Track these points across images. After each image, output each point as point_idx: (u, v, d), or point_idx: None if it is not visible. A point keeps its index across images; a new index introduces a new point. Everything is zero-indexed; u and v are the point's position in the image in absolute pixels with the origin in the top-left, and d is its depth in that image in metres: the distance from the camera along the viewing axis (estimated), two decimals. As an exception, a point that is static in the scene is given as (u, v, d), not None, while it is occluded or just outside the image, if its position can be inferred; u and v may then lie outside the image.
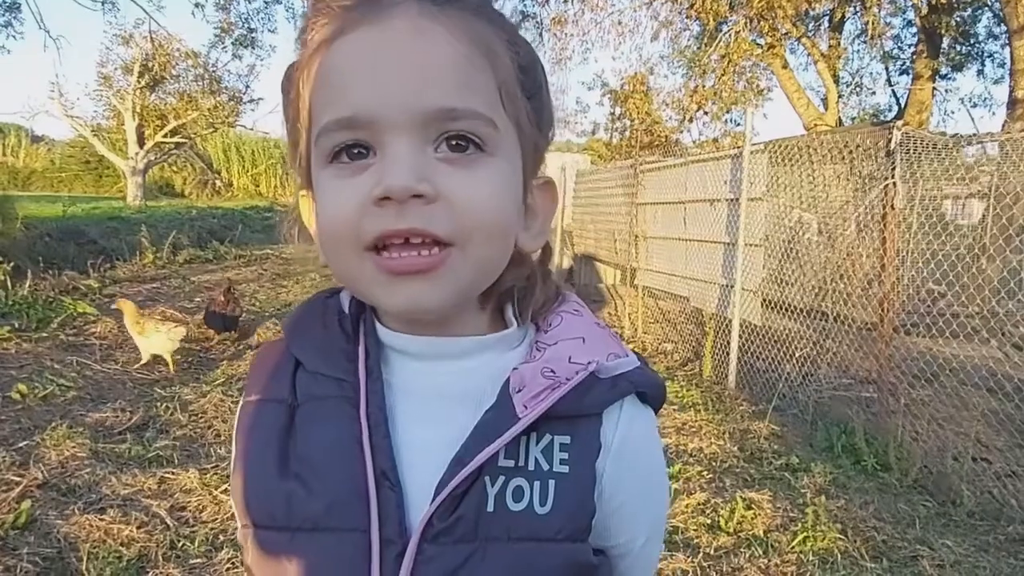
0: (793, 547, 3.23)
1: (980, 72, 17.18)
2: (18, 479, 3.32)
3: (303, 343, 0.69)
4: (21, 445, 3.75)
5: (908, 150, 4.69)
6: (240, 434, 0.69)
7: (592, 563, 0.66)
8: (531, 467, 0.62)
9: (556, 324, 0.68)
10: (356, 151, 0.58)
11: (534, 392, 0.62)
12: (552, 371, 0.63)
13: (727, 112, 16.47)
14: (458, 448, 0.61)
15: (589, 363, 0.63)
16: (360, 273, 0.59)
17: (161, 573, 2.75)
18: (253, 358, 0.74)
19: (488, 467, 0.61)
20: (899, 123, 4.86)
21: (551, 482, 0.62)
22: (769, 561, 3.13)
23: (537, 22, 16.21)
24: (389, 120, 0.56)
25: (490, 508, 0.61)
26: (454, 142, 0.58)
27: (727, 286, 6.02)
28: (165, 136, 24.50)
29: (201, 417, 4.48)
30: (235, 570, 2.82)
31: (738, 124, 16.93)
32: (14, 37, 18.86)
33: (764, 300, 5.89)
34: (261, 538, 0.65)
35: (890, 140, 4.63)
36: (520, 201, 0.64)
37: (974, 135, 4.96)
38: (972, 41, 16.41)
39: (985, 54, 16.75)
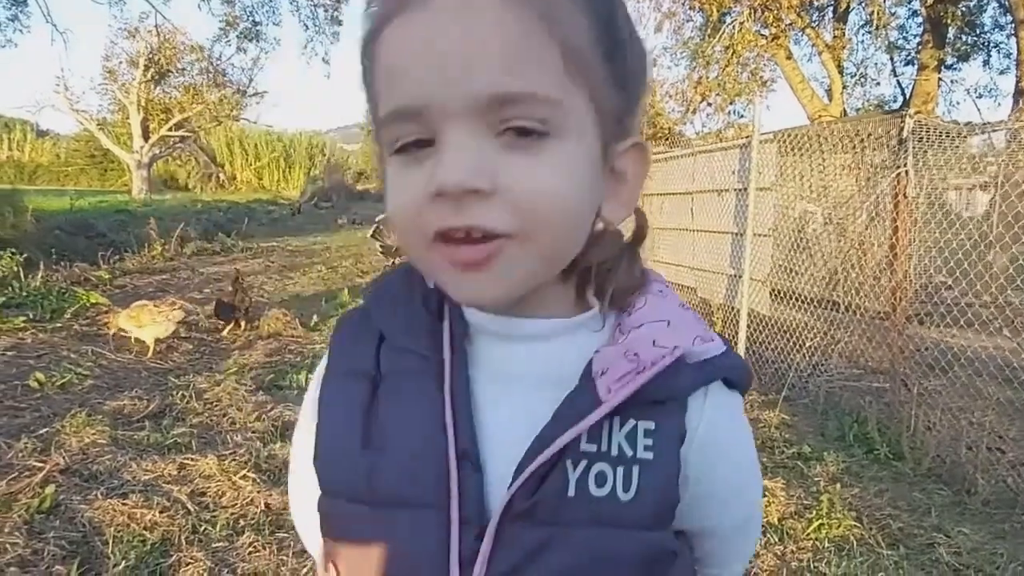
0: (808, 534, 3.25)
1: (986, 62, 17.15)
2: (40, 464, 3.35)
3: (388, 316, 0.68)
4: (42, 432, 3.78)
5: (920, 138, 4.69)
6: (323, 405, 0.68)
7: (672, 550, 0.65)
8: (614, 452, 0.61)
9: (640, 306, 0.66)
10: (416, 142, 0.56)
11: (617, 375, 0.60)
12: (636, 355, 0.61)
13: (730, 103, 16.46)
14: (539, 430, 0.61)
15: (675, 347, 0.61)
16: (430, 264, 0.59)
17: (185, 556, 2.77)
18: (335, 327, 0.73)
19: (570, 451, 0.60)
20: (911, 111, 4.86)
21: (635, 468, 0.61)
22: (785, 548, 3.14)
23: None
24: (440, 110, 0.53)
25: (571, 492, 0.60)
26: (516, 128, 0.54)
27: (735, 276, 6.03)
28: (170, 130, 24.57)
29: (216, 405, 4.51)
30: (256, 553, 2.85)
31: (741, 116, 16.90)
32: (20, 31, 18.94)
33: (773, 290, 5.90)
34: (341, 509, 0.66)
35: (902, 128, 4.64)
36: (596, 178, 0.60)
37: (987, 123, 4.96)
38: (978, 31, 16.36)
39: (991, 44, 16.71)
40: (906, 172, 4.42)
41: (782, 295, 5.99)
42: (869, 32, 16.29)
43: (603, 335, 0.66)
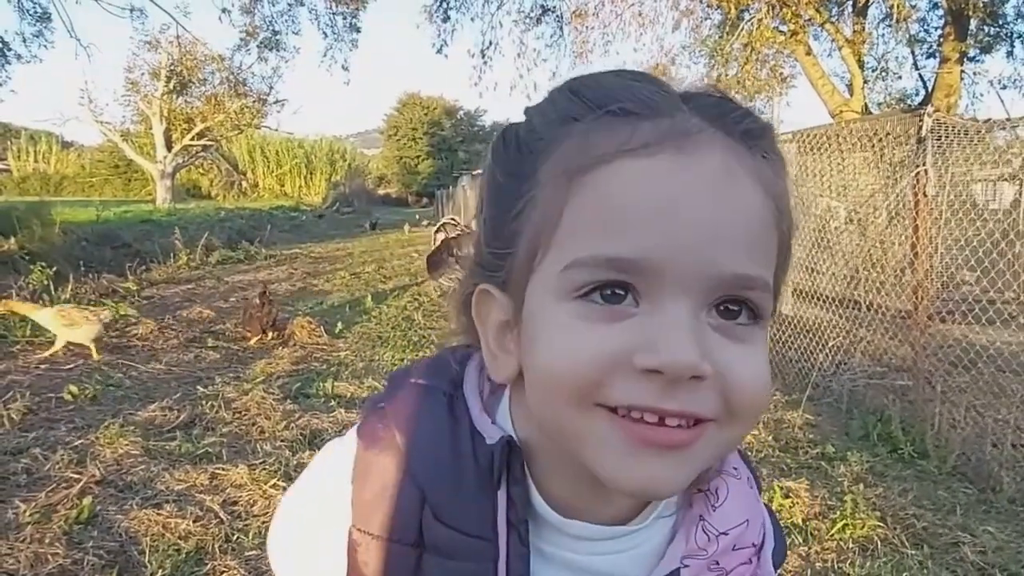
0: (832, 535, 3.25)
1: (1009, 53, 16.85)
2: (77, 476, 3.45)
3: (428, 476, 0.57)
4: (77, 444, 3.89)
5: (940, 136, 4.67)
6: (360, 569, 0.60)
7: None
8: None
9: (723, 497, 0.62)
10: (611, 292, 0.49)
11: None
12: (716, 562, 0.60)
13: (750, 101, 16.38)
14: None
15: (752, 546, 0.62)
16: (582, 430, 0.50)
17: (219, 565, 2.85)
18: (360, 472, 0.60)
19: None
20: (930, 109, 4.84)
21: None
22: (809, 549, 3.15)
23: (557, 16, 16.23)
24: (678, 274, 0.47)
25: None
26: (724, 307, 0.50)
27: (756, 276, 6.00)
28: (192, 139, 24.90)
29: (245, 414, 4.59)
30: (289, 562, 2.91)
31: (761, 113, 16.80)
32: (45, 46, 19.32)
33: (795, 289, 5.89)
34: None
35: (921, 127, 4.62)
36: None
37: (1008, 119, 4.92)
38: (1000, 22, 16.11)
39: (1014, 35, 16.44)
40: (925, 171, 4.41)
41: (804, 294, 5.98)
42: (889, 26, 16.11)
43: (672, 520, 0.62)
